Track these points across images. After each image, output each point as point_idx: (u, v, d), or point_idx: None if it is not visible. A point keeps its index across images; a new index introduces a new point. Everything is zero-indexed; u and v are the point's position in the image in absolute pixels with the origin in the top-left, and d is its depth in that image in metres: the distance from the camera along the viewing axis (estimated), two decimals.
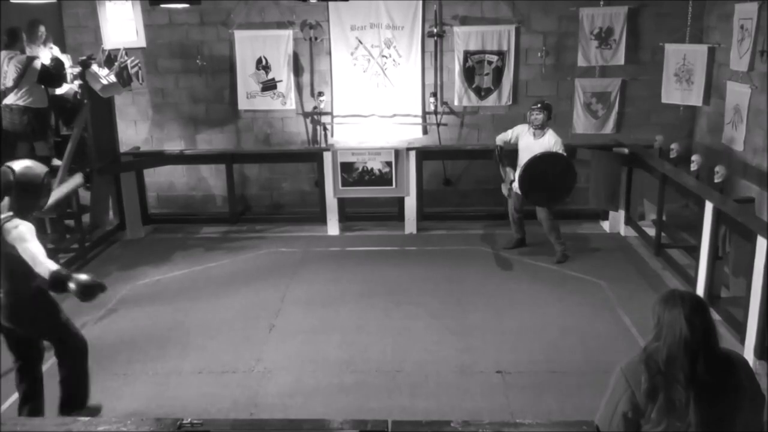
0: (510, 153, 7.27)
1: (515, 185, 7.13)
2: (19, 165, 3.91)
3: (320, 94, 8.88)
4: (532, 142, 6.98)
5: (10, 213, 3.81)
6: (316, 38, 8.81)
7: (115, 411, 4.47)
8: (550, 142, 6.90)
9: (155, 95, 9.13)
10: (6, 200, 3.86)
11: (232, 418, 4.08)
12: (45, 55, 7.61)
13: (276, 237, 8.20)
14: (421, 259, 7.37)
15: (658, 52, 8.51)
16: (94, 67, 7.35)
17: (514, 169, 7.18)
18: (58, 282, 3.70)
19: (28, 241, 3.70)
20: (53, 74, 7.12)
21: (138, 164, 8.50)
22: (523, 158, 6.97)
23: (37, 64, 6.96)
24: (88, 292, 3.74)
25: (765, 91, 6.84)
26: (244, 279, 6.86)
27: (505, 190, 7.40)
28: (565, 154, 6.93)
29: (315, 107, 8.98)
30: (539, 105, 7.03)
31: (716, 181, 6.92)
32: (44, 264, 3.69)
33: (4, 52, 6.95)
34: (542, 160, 6.77)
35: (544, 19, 8.67)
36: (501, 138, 7.33)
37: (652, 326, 2.59)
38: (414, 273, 6.93)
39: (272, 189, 9.45)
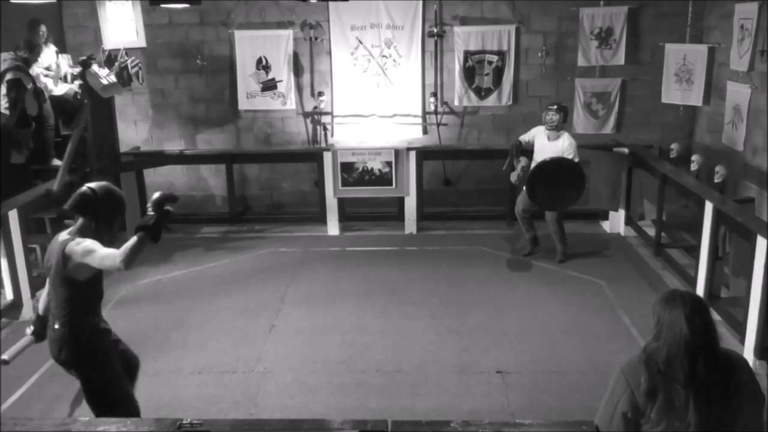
0: (525, 152, 7.16)
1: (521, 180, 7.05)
2: (98, 185, 3.72)
3: (320, 94, 8.88)
4: (546, 144, 6.87)
5: (69, 236, 3.58)
6: (316, 38, 8.81)
7: None
8: (564, 145, 6.75)
9: (155, 95, 9.13)
10: (80, 222, 3.64)
11: (232, 418, 4.08)
12: (46, 56, 7.62)
13: (276, 237, 8.19)
14: (421, 259, 7.37)
15: (658, 52, 8.52)
16: (95, 67, 7.35)
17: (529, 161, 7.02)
18: (151, 234, 3.41)
19: (96, 250, 3.43)
20: (12, 98, 6.86)
21: (138, 164, 8.50)
22: (537, 159, 6.90)
23: (8, 76, 6.85)
24: (168, 200, 3.55)
25: (765, 91, 6.84)
26: (244, 279, 6.86)
27: (514, 177, 7.03)
28: (576, 159, 6.78)
29: (315, 107, 8.99)
30: (556, 106, 6.86)
31: (716, 181, 6.93)
32: (115, 254, 3.34)
33: (5, 54, 6.94)
34: (551, 165, 6.69)
35: (544, 19, 8.67)
36: (522, 138, 7.18)
37: (652, 326, 2.59)
38: (414, 273, 6.93)
39: (272, 189, 9.45)
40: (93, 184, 3.74)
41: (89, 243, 3.49)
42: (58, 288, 3.59)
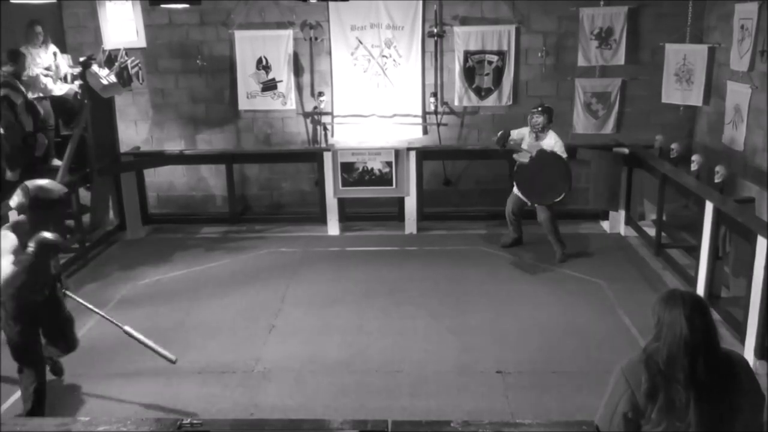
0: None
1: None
2: (33, 184, 3.96)
3: (320, 94, 8.88)
4: (533, 144, 7.00)
5: (7, 224, 3.87)
6: (316, 38, 8.81)
7: (115, 411, 4.48)
8: (550, 143, 6.91)
9: (155, 95, 9.13)
10: (19, 216, 3.91)
11: (232, 418, 4.08)
12: (45, 57, 7.61)
13: (276, 237, 8.19)
14: (421, 259, 7.37)
15: (658, 52, 8.52)
16: (95, 68, 7.35)
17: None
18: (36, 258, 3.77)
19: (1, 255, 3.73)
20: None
21: (138, 164, 8.50)
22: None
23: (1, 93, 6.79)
24: (46, 249, 3.84)
25: (765, 91, 6.84)
26: (244, 279, 6.86)
27: (526, 157, 6.99)
28: (565, 155, 6.90)
29: (315, 107, 8.98)
30: (539, 108, 7.03)
31: (716, 181, 6.92)
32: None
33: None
34: (539, 159, 6.80)
35: (544, 19, 8.67)
36: (512, 132, 7.29)
37: (652, 326, 2.59)
38: (414, 273, 6.92)
39: (272, 189, 9.45)
40: (30, 183, 3.96)
41: (3, 243, 3.74)
42: None
